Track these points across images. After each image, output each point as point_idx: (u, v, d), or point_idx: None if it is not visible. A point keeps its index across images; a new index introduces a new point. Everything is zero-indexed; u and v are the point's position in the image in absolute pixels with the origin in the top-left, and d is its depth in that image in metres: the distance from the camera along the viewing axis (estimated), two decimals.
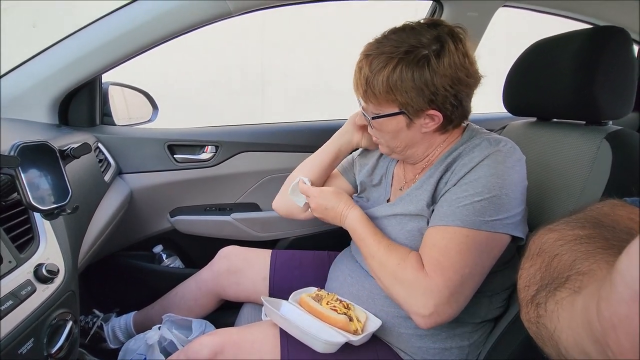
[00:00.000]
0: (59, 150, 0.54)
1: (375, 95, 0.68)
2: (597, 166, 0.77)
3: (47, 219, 0.51)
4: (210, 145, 1.24)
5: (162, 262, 1.30)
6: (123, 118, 1.36)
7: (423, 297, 0.65)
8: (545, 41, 0.91)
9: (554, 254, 0.36)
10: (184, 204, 1.28)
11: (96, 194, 0.90)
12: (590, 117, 0.84)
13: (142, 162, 1.20)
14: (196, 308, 1.12)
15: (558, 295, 0.32)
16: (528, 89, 0.92)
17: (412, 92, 0.66)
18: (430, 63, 0.65)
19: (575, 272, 0.32)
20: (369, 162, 0.93)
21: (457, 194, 0.68)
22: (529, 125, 0.98)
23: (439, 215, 0.69)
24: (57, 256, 0.56)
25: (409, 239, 0.74)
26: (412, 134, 0.73)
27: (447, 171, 0.73)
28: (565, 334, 0.29)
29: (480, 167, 0.67)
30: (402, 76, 0.66)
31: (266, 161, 1.29)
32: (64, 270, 0.56)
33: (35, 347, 0.47)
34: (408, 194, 0.78)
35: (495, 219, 0.66)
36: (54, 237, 0.57)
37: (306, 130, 1.34)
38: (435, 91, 0.67)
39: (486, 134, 0.75)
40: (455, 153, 0.73)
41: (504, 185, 0.66)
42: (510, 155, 0.69)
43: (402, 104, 0.68)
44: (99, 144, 1.11)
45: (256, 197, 1.32)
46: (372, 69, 0.67)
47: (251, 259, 1.08)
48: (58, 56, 1.01)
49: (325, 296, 0.82)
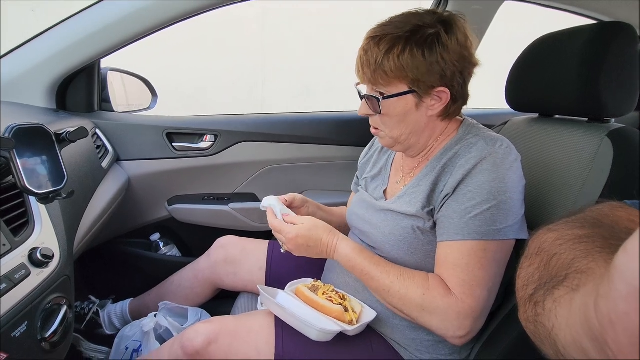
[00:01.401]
0: (55, 134, 0.53)
1: (386, 74, 0.68)
2: (597, 164, 0.76)
3: (42, 203, 0.51)
4: (210, 134, 1.23)
5: (159, 250, 1.30)
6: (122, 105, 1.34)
7: (458, 321, 0.65)
8: (550, 36, 0.90)
9: (552, 253, 0.36)
10: (181, 193, 1.27)
11: (93, 180, 0.89)
12: (593, 114, 0.83)
13: (140, 149, 1.19)
14: (192, 296, 1.12)
15: (556, 293, 0.32)
16: (531, 84, 0.91)
17: (424, 68, 0.67)
18: (441, 39, 0.67)
19: (573, 270, 0.32)
20: (370, 159, 0.94)
21: (464, 203, 0.67)
22: (531, 121, 0.97)
23: (452, 229, 0.67)
24: (52, 241, 0.55)
25: (403, 235, 0.74)
26: (418, 117, 0.72)
27: (444, 172, 0.72)
28: (564, 332, 0.29)
29: (479, 172, 0.67)
30: (413, 53, 0.66)
31: (265, 151, 1.28)
32: (59, 255, 0.55)
33: (29, 330, 0.47)
34: (405, 192, 0.77)
35: (505, 226, 0.66)
36: (49, 221, 0.56)
37: (306, 121, 1.33)
38: (445, 67, 0.68)
39: (482, 131, 0.74)
40: (451, 153, 0.72)
41: (507, 189, 0.66)
42: (508, 155, 0.69)
43: (413, 81, 0.68)
44: (97, 130, 1.10)
45: (254, 187, 1.31)
46: (381, 49, 0.67)
47: (248, 249, 1.08)
48: (55, 40, 0.99)
49: (321, 287, 0.82)
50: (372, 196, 0.87)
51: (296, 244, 0.77)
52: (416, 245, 0.72)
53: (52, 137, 0.53)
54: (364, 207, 0.86)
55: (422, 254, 0.72)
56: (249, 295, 1.05)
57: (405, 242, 0.73)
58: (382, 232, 0.77)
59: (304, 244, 0.76)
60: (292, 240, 0.77)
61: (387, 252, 0.76)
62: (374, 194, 0.87)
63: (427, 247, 0.72)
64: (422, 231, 0.72)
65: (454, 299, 0.66)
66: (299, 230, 0.77)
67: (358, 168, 1.00)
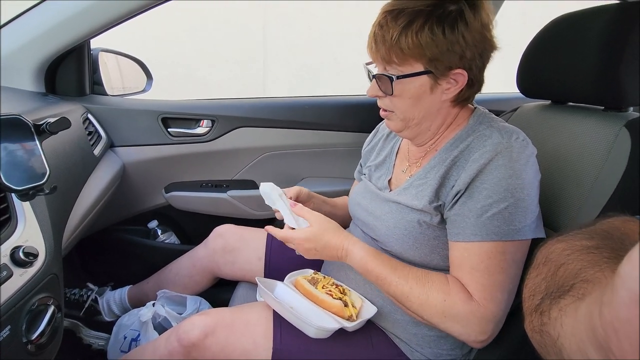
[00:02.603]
0: (34, 125, 0.50)
1: (403, 51, 0.63)
2: (613, 156, 0.72)
3: (22, 199, 0.48)
4: (207, 120, 1.19)
5: (157, 238, 1.28)
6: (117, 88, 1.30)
7: (479, 326, 0.63)
8: (568, 17, 0.84)
9: (560, 263, 0.36)
10: (179, 180, 1.25)
11: (84, 169, 0.86)
12: (610, 102, 0.78)
13: (135, 135, 1.15)
14: (191, 285, 1.11)
15: (562, 302, 0.32)
16: (544, 69, 0.86)
17: (444, 47, 0.62)
18: (464, 16, 0.62)
19: (580, 280, 0.32)
20: (374, 147, 0.90)
21: (480, 201, 0.63)
22: (543, 108, 0.92)
23: (469, 229, 0.64)
24: (36, 238, 0.53)
25: (408, 229, 0.71)
26: (432, 101, 0.68)
27: (455, 166, 0.68)
28: (569, 341, 0.29)
29: (495, 168, 0.63)
30: (433, 30, 0.61)
31: (265, 137, 1.24)
32: (44, 253, 0.53)
33: (13, 334, 0.45)
34: (411, 184, 0.74)
35: (524, 225, 0.63)
36: (33, 217, 0.54)
37: (307, 106, 1.28)
38: (466, 48, 0.63)
39: (495, 122, 0.70)
40: (463, 145, 0.68)
41: (524, 186, 0.63)
42: (524, 150, 0.65)
43: (430, 61, 0.63)
44: (89, 114, 1.06)
45: (253, 174, 1.28)
46: (398, 24, 0.62)
47: (247, 238, 1.06)
48: (41, 19, 0.94)
49: (321, 280, 0.80)
50: (375, 186, 0.83)
51: (305, 248, 0.74)
52: (421, 239, 0.70)
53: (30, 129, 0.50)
54: (367, 197, 0.82)
55: (428, 249, 0.70)
56: (248, 285, 1.04)
57: (410, 237, 0.70)
58: (386, 225, 0.74)
59: (313, 247, 0.73)
60: (301, 246, 0.74)
61: (391, 246, 0.73)
62: (378, 184, 0.83)
63: (433, 242, 0.69)
64: (428, 225, 0.69)
65: (475, 305, 0.63)
66: (307, 234, 0.73)
67: (362, 155, 0.96)
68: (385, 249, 0.75)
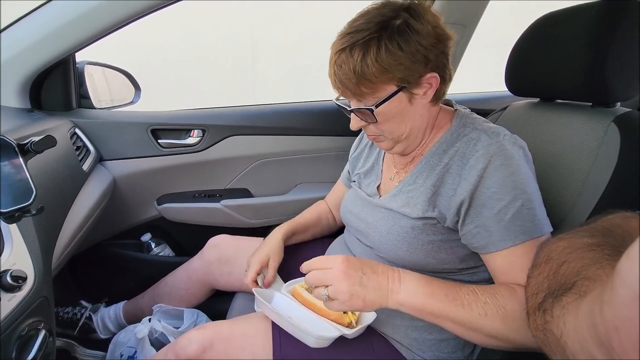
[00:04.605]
0: (18, 145, 0.48)
1: (371, 80, 0.62)
2: (603, 151, 0.73)
3: (7, 222, 0.46)
4: (197, 129, 1.18)
5: (151, 251, 1.26)
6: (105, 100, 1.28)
7: None
8: (552, 15, 0.85)
9: (561, 261, 0.36)
10: (171, 191, 1.23)
11: (73, 185, 0.84)
12: (598, 98, 0.78)
13: (124, 148, 1.13)
14: (187, 297, 1.09)
15: (564, 300, 0.32)
16: (532, 67, 0.86)
17: (407, 61, 0.62)
18: (412, 26, 0.62)
19: (582, 277, 0.32)
20: (361, 153, 0.91)
21: (494, 206, 0.62)
22: (532, 106, 0.93)
23: (496, 237, 0.62)
24: (25, 260, 0.51)
25: (401, 235, 0.70)
26: (414, 111, 0.68)
27: (448, 173, 0.67)
28: (572, 338, 0.29)
29: (494, 169, 0.62)
30: (389, 49, 0.61)
31: (256, 145, 1.23)
32: (33, 275, 0.51)
33: None
34: (401, 190, 0.73)
35: (543, 216, 0.63)
36: (20, 239, 0.52)
37: (298, 112, 1.27)
38: (426, 52, 0.63)
39: (479, 124, 0.70)
40: (452, 150, 0.68)
41: (528, 179, 0.63)
42: (514, 145, 0.65)
43: (400, 79, 0.63)
44: (76, 129, 1.04)
45: (247, 182, 1.27)
46: (356, 58, 0.61)
47: (243, 248, 1.04)
48: (24, 33, 0.92)
49: None
50: (365, 192, 0.83)
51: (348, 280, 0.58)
52: (415, 244, 0.69)
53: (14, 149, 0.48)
54: (358, 204, 0.82)
55: (422, 254, 0.69)
56: (245, 296, 1.02)
57: (404, 242, 0.70)
58: (379, 231, 0.73)
59: (358, 278, 0.59)
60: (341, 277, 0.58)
61: (386, 252, 0.72)
62: (367, 190, 0.83)
63: (427, 247, 0.69)
64: (421, 230, 0.69)
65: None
66: (344, 257, 0.60)
67: (349, 162, 0.96)
68: (380, 256, 0.75)
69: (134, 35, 0.96)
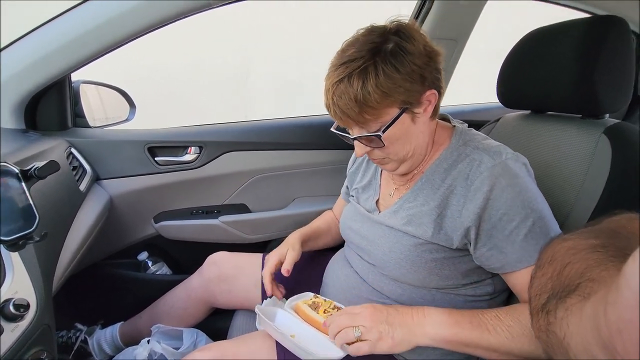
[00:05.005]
0: (21, 171, 0.48)
1: (373, 107, 0.63)
2: (596, 162, 0.75)
3: (11, 250, 0.45)
4: (194, 146, 1.18)
5: (148, 270, 1.24)
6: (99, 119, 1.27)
7: None
8: (541, 31, 0.88)
9: (565, 262, 0.36)
10: (168, 209, 1.22)
11: (71, 207, 0.83)
12: (587, 110, 0.81)
13: (121, 166, 1.12)
14: (186, 317, 1.07)
15: (568, 302, 0.32)
16: (523, 80, 0.89)
17: (406, 83, 0.63)
18: (404, 48, 0.63)
19: (585, 279, 0.32)
20: (358, 168, 0.91)
21: (505, 227, 0.62)
22: (524, 118, 0.96)
23: (511, 257, 0.63)
24: (27, 288, 0.50)
25: (404, 253, 0.70)
26: (417, 129, 0.69)
27: (452, 194, 0.67)
28: (575, 340, 0.29)
29: (501, 190, 0.63)
30: (387, 73, 0.61)
31: (254, 160, 1.23)
32: (35, 303, 0.50)
33: None
34: (401, 207, 0.74)
35: (557, 231, 0.64)
36: (22, 266, 0.51)
37: (293, 126, 1.28)
38: (422, 71, 0.64)
39: (479, 142, 0.70)
40: (455, 172, 0.68)
41: (536, 196, 0.64)
42: (517, 163, 0.66)
43: (402, 101, 0.64)
44: (72, 149, 1.03)
45: (245, 197, 1.27)
46: (356, 87, 0.62)
47: (242, 265, 1.03)
48: (20, 55, 0.92)
49: (322, 303, 0.79)
50: (364, 208, 0.83)
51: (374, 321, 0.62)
52: (419, 262, 0.69)
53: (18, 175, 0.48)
54: (358, 220, 0.82)
55: (426, 271, 0.70)
56: (246, 313, 1.01)
57: (407, 260, 0.70)
58: (382, 249, 0.73)
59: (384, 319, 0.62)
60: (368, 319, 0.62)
61: (389, 270, 0.73)
62: (366, 205, 0.83)
63: (431, 264, 0.69)
64: (424, 248, 0.69)
65: None
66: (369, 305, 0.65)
67: (347, 177, 0.97)
68: (383, 274, 0.75)
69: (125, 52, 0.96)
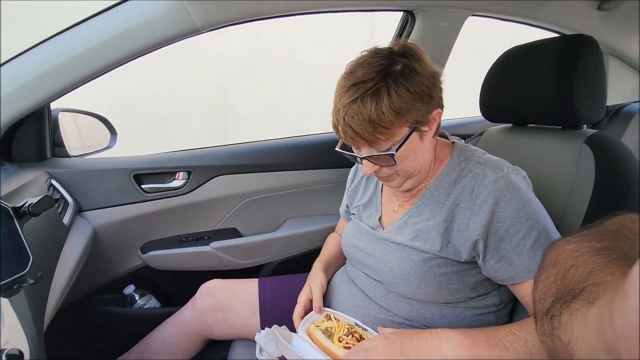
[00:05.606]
0: (13, 209, 0.45)
1: (387, 127, 0.64)
2: (581, 170, 0.79)
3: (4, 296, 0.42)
4: (182, 172, 1.15)
5: (135, 304, 1.18)
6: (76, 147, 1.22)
7: None
8: (517, 49, 0.93)
9: (569, 265, 0.36)
10: (155, 237, 1.17)
11: (55, 244, 0.78)
12: (567, 122, 0.86)
13: (104, 196, 1.08)
14: (179, 352, 1.01)
15: (572, 306, 0.32)
16: (504, 96, 0.94)
17: (417, 103, 0.65)
18: (413, 69, 0.65)
19: (590, 283, 0.32)
20: (358, 186, 0.91)
21: (512, 239, 0.64)
22: (507, 131, 1.00)
23: (519, 268, 0.65)
24: (18, 336, 0.46)
25: (413, 269, 0.70)
26: (424, 147, 0.71)
27: (458, 208, 0.69)
28: (580, 345, 0.29)
29: (505, 203, 0.65)
30: (398, 93, 0.63)
31: (244, 183, 1.22)
32: (28, 352, 0.46)
33: None
34: (406, 222, 0.75)
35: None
36: (12, 313, 0.47)
37: (283, 147, 1.28)
38: (430, 90, 0.66)
39: (480, 157, 0.73)
40: (459, 187, 0.70)
41: (538, 208, 0.66)
42: (518, 176, 0.68)
43: (413, 121, 0.66)
44: (52, 180, 0.98)
45: (235, 221, 1.24)
46: (369, 108, 0.62)
47: (237, 292, 1.00)
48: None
49: (335, 328, 0.76)
50: (367, 225, 0.83)
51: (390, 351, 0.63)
52: (428, 278, 0.69)
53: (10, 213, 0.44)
54: (362, 238, 0.82)
55: (436, 286, 0.70)
56: (244, 343, 0.97)
57: (417, 276, 0.70)
58: (390, 266, 0.73)
59: (398, 346, 0.64)
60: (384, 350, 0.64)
61: (398, 287, 0.72)
62: (369, 223, 0.83)
63: (440, 279, 0.69)
64: (433, 263, 0.69)
65: None
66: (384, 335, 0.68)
67: (347, 195, 0.96)
68: (391, 291, 0.74)
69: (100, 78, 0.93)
